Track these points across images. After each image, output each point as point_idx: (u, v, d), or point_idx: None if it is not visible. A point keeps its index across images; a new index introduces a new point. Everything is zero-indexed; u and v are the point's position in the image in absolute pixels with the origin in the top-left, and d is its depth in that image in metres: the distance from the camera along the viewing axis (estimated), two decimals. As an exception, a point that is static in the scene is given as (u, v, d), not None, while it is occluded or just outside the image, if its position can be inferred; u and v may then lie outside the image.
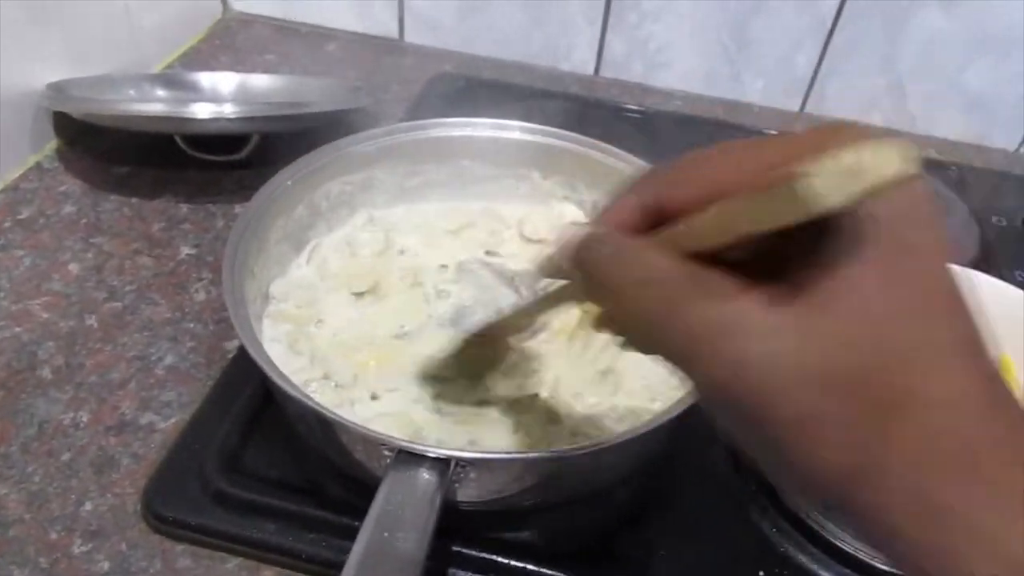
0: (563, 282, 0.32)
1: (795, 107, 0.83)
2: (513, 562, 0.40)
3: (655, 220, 0.24)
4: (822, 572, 0.42)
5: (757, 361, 0.19)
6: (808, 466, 0.20)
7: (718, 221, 0.21)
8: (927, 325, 0.20)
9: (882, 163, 0.17)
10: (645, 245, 0.23)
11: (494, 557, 0.41)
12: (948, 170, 0.74)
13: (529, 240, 0.56)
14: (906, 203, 0.20)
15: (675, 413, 0.38)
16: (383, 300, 0.50)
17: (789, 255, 0.20)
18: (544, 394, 0.45)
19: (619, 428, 0.43)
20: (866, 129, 0.19)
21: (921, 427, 0.19)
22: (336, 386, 0.45)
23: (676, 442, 0.47)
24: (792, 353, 0.19)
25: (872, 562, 0.42)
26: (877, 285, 0.19)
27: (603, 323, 0.29)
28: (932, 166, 0.74)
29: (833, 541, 0.43)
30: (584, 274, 0.25)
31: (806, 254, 0.20)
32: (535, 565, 0.40)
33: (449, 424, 0.43)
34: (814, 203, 0.17)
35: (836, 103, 0.82)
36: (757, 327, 0.19)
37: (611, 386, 0.46)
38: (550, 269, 0.31)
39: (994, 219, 0.68)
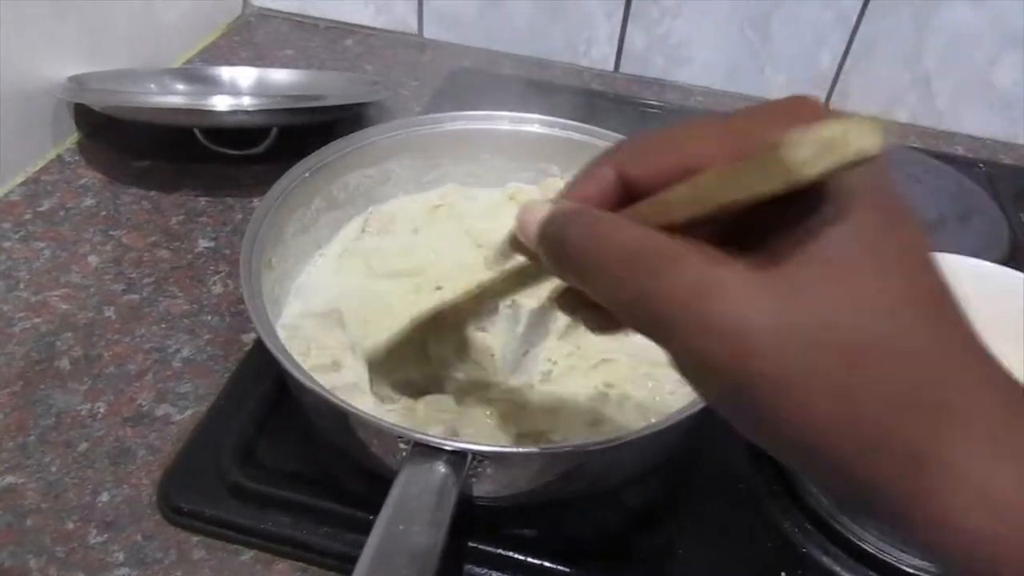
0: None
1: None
2: (530, 559, 0.40)
3: (623, 196, 0.23)
4: (845, 574, 0.42)
5: (735, 324, 0.19)
6: (788, 424, 0.19)
7: (692, 193, 0.21)
8: (905, 282, 0.20)
9: (862, 137, 0.18)
10: (616, 218, 0.22)
11: (510, 553, 0.40)
12: (976, 167, 0.72)
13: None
14: (878, 177, 0.20)
15: (697, 408, 0.37)
16: (397, 290, 0.50)
17: (758, 229, 0.20)
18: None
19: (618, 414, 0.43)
20: (820, 103, 0.20)
21: (900, 379, 0.19)
22: (353, 378, 0.44)
23: (695, 440, 0.46)
24: (770, 315, 0.19)
25: (897, 564, 0.41)
26: (859, 248, 0.19)
27: (565, 303, 0.28)
28: (960, 163, 0.73)
29: (856, 542, 0.42)
30: (551, 251, 0.23)
31: (781, 226, 0.20)
32: (551, 562, 0.40)
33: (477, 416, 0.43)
34: (798, 171, 0.18)
35: (861, 98, 0.80)
36: (734, 290, 0.19)
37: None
38: (510, 250, 0.29)
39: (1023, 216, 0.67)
